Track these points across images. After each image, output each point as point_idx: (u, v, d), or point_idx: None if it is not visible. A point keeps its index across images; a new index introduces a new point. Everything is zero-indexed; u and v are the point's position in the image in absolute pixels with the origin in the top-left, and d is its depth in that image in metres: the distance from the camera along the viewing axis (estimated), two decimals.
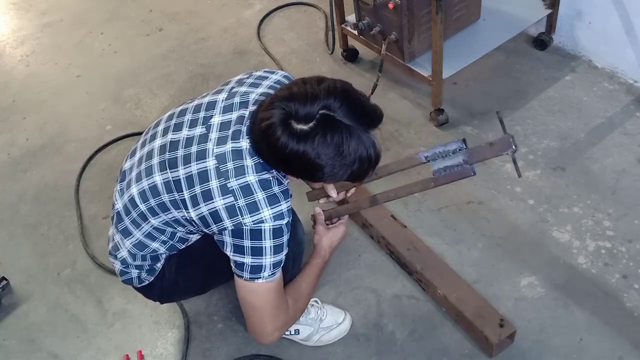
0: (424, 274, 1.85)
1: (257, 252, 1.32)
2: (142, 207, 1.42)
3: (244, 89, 1.41)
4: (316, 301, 1.84)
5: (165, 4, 3.42)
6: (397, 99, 2.57)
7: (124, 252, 1.51)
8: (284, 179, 1.36)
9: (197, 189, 1.32)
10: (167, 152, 1.38)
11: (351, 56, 2.77)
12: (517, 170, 1.40)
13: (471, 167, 1.44)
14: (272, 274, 1.35)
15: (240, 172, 1.29)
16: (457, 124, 2.41)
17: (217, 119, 1.36)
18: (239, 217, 1.29)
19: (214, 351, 1.85)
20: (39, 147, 2.65)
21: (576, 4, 2.48)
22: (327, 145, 1.17)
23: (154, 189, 1.39)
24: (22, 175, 2.54)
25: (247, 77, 1.46)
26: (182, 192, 1.34)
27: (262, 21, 3.13)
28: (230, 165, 1.30)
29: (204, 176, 1.31)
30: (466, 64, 2.36)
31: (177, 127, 1.40)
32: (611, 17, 2.37)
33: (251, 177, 1.29)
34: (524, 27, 2.51)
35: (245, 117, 1.34)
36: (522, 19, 2.50)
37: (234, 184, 1.29)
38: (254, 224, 1.29)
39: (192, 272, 1.61)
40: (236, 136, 1.32)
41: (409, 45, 2.35)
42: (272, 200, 1.29)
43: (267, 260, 1.33)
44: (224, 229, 1.31)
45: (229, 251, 1.35)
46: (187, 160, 1.34)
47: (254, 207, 1.28)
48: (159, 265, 1.56)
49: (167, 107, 2.69)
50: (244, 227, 1.29)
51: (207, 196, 1.30)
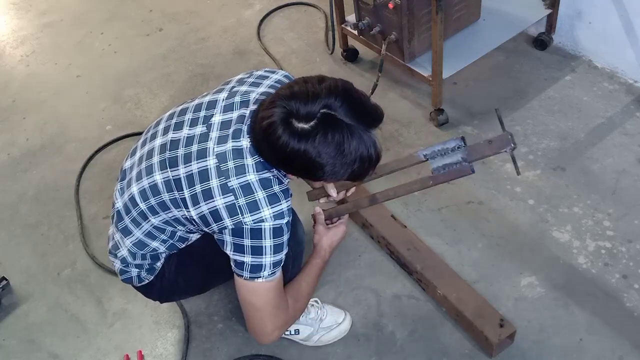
0: (424, 274, 1.85)
1: (257, 251, 1.32)
2: (143, 206, 1.42)
3: (244, 88, 1.41)
4: (316, 301, 1.84)
5: (165, 4, 3.42)
6: (397, 99, 2.57)
7: (123, 251, 1.51)
8: (285, 178, 1.36)
9: (198, 188, 1.32)
10: (168, 151, 1.38)
11: (351, 56, 2.77)
12: (516, 168, 1.40)
13: (470, 165, 1.43)
14: (272, 273, 1.35)
15: (240, 171, 1.29)
16: (457, 124, 2.41)
17: (217, 118, 1.36)
18: (239, 216, 1.29)
19: (214, 351, 1.85)
20: (39, 147, 2.65)
21: (576, 4, 2.49)
22: (328, 144, 1.17)
23: (154, 188, 1.39)
24: (22, 175, 2.54)
25: (248, 77, 1.46)
26: (183, 191, 1.34)
27: (262, 21, 3.13)
28: (230, 164, 1.30)
29: (204, 175, 1.31)
30: (466, 64, 2.36)
31: (178, 126, 1.40)
32: (611, 17, 2.38)
33: (251, 176, 1.29)
34: (524, 27, 2.51)
35: (246, 116, 1.34)
36: (522, 19, 2.50)
37: (234, 182, 1.29)
38: (254, 223, 1.29)
39: (192, 272, 1.61)
40: (237, 135, 1.32)
41: (409, 45, 2.35)
42: (273, 199, 1.30)
43: (267, 259, 1.33)
44: (224, 228, 1.31)
45: (229, 250, 1.35)
46: (187, 159, 1.34)
47: (254, 206, 1.28)
48: (159, 264, 1.56)
49: (167, 107, 2.68)
50: (244, 226, 1.29)
51: (208, 195, 1.30)
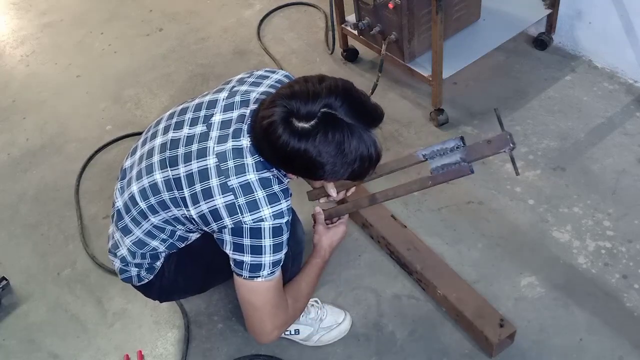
0: (424, 274, 1.85)
1: (256, 250, 1.32)
2: (143, 205, 1.42)
3: (245, 88, 1.41)
4: (316, 301, 1.84)
5: (165, 4, 3.42)
6: (397, 99, 2.57)
7: (123, 250, 1.51)
8: (284, 178, 1.36)
9: (198, 187, 1.32)
10: (168, 150, 1.38)
11: (351, 56, 2.77)
12: (515, 168, 1.40)
13: (469, 166, 1.43)
14: (271, 273, 1.35)
15: (240, 170, 1.29)
16: (457, 124, 2.41)
17: (218, 118, 1.36)
18: (239, 215, 1.29)
19: (214, 351, 1.85)
20: (39, 147, 2.65)
21: (576, 4, 2.49)
22: (329, 143, 1.17)
23: (154, 187, 1.39)
24: (22, 175, 2.54)
25: (248, 76, 1.46)
26: (183, 190, 1.34)
27: (262, 21, 3.13)
28: (230, 163, 1.30)
29: (204, 174, 1.31)
30: (466, 64, 2.36)
31: (178, 126, 1.41)
32: (611, 17, 2.38)
33: (251, 176, 1.29)
34: (524, 27, 2.51)
35: (246, 116, 1.34)
36: (522, 19, 2.50)
37: (234, 182, 1.29)
38: (254, 223, 1.29)
39: (192, 271, 1.61)
40: (237, 134, 1.32)
41: (409, 45, 2.35)
42: (272, 198, 1.30)
43: (267, 258, 1.33)
44: (224, 227, 1.31)
45: (228, 249, 1.35)
46: (187, 158, 1.34)
47: (254, 206, 1.28)
48: (159, 263, 1.56)
49: (167, 107, 2.68)
50: (244, 226, 1.29)
51: (207, 194, 1.31)
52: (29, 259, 2.20)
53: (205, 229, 1.38)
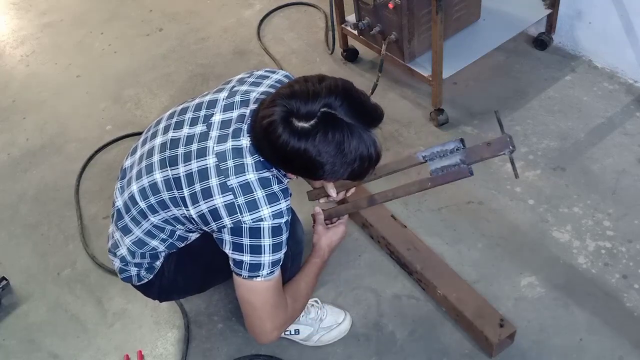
0: (424, 274, 1.85)
1: (255, 250, 1.32)
2: (142, 204, 1.42)
3: (245, 88, 1.41)
4: (316, 301, 1.84)
5: (165, 4, 3.42)
6: (397, 99, 2.57)
7: (123, 250, 1.51)
8: (284, 178, 1.37)
9: (197, 187, 1.32)
10: (168, 150, 1.38)
11: (351, 56, 2.77)
12: (515, 170, 1.40)
13: (468, 167, 1.43)
14: (270, 273, 1.35)
15: (240, 170, 1.30)
16: (457, 124, 2.41)
17: (218, 117, 1.36)
18: (238, 215, 1.29)
19: (214, 351, 1.85)
20: (39, 147, 2.65)
21: (576, 4, 2.48)
22: (328, 143, 1.17)
23: (154, 187, 1.39)
24: (22, 175, 2.54)
25: (248, 76, 1.47)
26: (182, 189, 1.34)
27: (262, 21, 3.13)
28: (230, 163, 1.30)
29: (204, 174, 1.31)
30: (466, 64, 2.36)
31: (178, 125, 1.41)
32: (611, 17, 2.37)
33: (251, 175, 1.29)
34: (524, 27, 2.51)
35: (246, 116, 1.34)
36: (522, 19, 2.50)
37: (233, 181, 1.29)
38: (253, 222, 1.29)
39: (191, 271, 1.61)
40: (237, 134, 1.32)
41: (409, 45, 2.35)
42: (272, 198, 1.30)
43: (266, 258, 1.33)
44: (223, 227, 1.31)
45: (227, 249, 1.35)
46: (187, 157, 1.34)
47: (253, 205, 1.28)
48: (158, 263, 1.56)
49: (167, 107, 2.68)
50: (243, 225, 1.29)
51: (207, 194, 1.31)
52: (29, 259, 2.20)
53: (204, 228, 1.38)
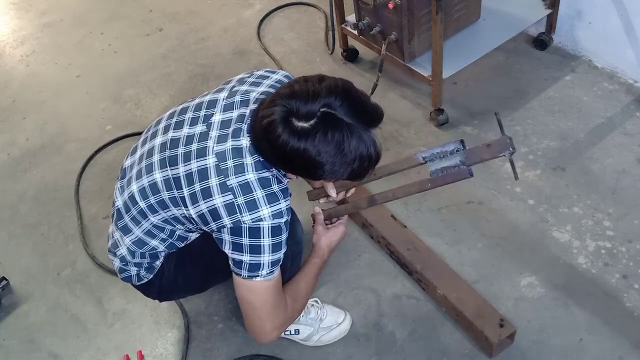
0: (424, 274, 1.85)
1: (255, 250, 1.32)
2: (142, 204, 1.42)
3: (245, 88, 1.41)
4: (316, 301, 1.84)
5: (165, 4, 3.42)
6: (397, 99, 2.57)
7: (123, 250, 1.51)
8: (284, 178, 1.37)
9: (197, 187, 1.32)
10: (168, 150, 1.38)
11: (351, 56, 2.77)
12: (515, 172, 1.40)
13: (468, 169, 1.43)
14: (270, 272, 1.35)
15: (239, 170, 1.30)
16: (457, 124, 2.41)
17: (217, 117, 1.36)
18: (238, 214, 1.29)
19: (214, 351, 1.85)
20: (39, 147, 2.65)
21: (576, 4, 2.48)
22: (328, 143, 1.17)
23: (153, 187, 1.39)
24: (22, 175, 2.54)
25: (248, 76, 1.47)
26: (182, 189, 1.34)
27: (262, 21, 3.13)
28: (230, 163, 1.30)
29: (203, 174, 1.31)
30: (466, 64, 2.36)
31: (178, 125, 1.41)
32: (611, 17, 2.37)
33: (251, 175, 1.29)
34: (524, 27, 2.51)
35: (246, 116, 1.34)
36: (522, 19, 2.50)
37: (233, 181, 1.29)
38: (253, 222, 1.29)
39: (191, 270, 1.61)
40: (236, 134, 1.32)
41: (409, 45, 2.35)
42: (271, 198, 1.30)
43: (265, 258, 1.33)
44: (223, 227, 1.31)
45: (227, 249, 1.35)
46: (187, 157, 1.34)
47: (253, 205, 1.28)
48: (158, 263, 1.56)
49: (167, 107, 2.68)
50: (243, 225, 1.29)
51: (207, 194, 1.31)
52: (29, 259, 2.20)
53: (204, 228, 1.38)
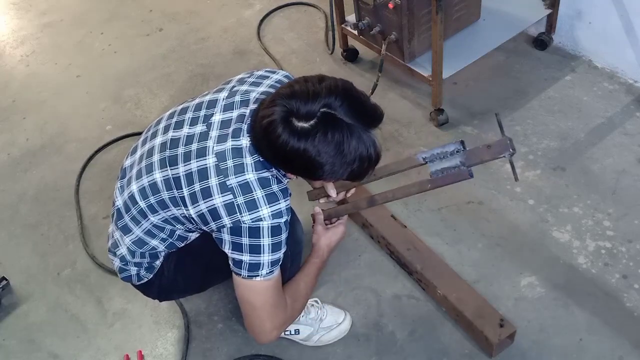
0: (424, 274, 1.85)
1: (255, 249, 1.32)
2: (142, 204, 1.42)
3: (245, 88, 1.41)
4: (316, 301, 1.84)
5: (165, 4, 3.42)
6: (397, 99, 2.57)
7: (123, 249, 1.51)
8: (284, 178, 1.37)
9: (197, 187, 1.32)
10: (168, 150, 1.38)
11: (351, 56, 2.77)
12: (515, 173, 1.40)
13: (468, 170, 1.43)
14: (270, 272, 1.35)
15: (239, 170, 1.30)
16: (457, 124, 2.41)
17: (217, 117, 1.36)
18: (238, 214, 1.29)
19: (214, 351, 1.85)
20: (39, 147, 2.65)
21: (576, 4, 2.48)
22: (328, 143, 1.17)
23: (153, 187, 1.39)
24: (22, 175, 2.54)
25: (249, 76, 1.47)
26: (182, 189, 1.34)
27: (262, 21, 3.13)
28: (230, 163, 1.30)
29: (203, 174, 1.31)
30: (466, 64, 2.36)
31: (178, 125, 1.41)
32: (611, 17, 2.37)
33: (250, 175, 1.29)
34: (524, 27, 2.51)
35: (245, 116, 1.34)
36: (522, 19, 2.50)
37: (233, 181, 1.29)
38: (253, 222, 1.29)
39: (191, 270, 1.61)
40: (236, 134, 1.32)
41: (409, 45, 2.35)
42: (271, 198, 1.30)
43: (265, 258, 1.33)
44: (223, 227, 1.31)
45: (227, 249, 1.35)
46: (187, 157, 1.35)
47: (252, 205, 1.29)
48: (158, 262, 1.56)
49: (167, 107, 2.68)
50: (243, 225, 1.29)
51: (206, 194, 1.31)
52: (29, 259, 2.20)
53: (204, 228, 1.38)
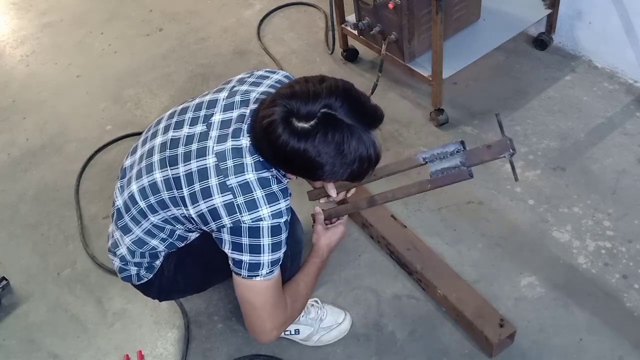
0: (424, 274, 1.85)
1: (255, 249, 1.32)
2: (142, 204, 1.42)
3: (245, 88, 1.41)
4: (316, 301, 1.84)
5: (165, 4, 3.42)
6: (397, 99, 2.57)
7: (123, 249, 1.51)
8: (284, 178, 1.37)
9: (197, 187, 1.32)
10: (168, 150, 1.38)
11: (351, 56, 2.77)
12: (515, 174, 1.40)
13: (468, 170, 1.43)
14: (270, 272, 1.35)
15: (239, 170, 1.30)
16: (457, 124, 2.41)
17: (217, 117, 1.36)
18: (238, 214, 1.29)
19: (214, 351, 1.85)
20: (39, 147, 2.65)
21: (576, 4, 2.48)
22: (328, 143, 1.17)
23: (153, 187, 1.39)
24: (22, 175, 2.54)
25: (249, 76, 1.47)
26: (182, 189, 1.34)
27: (262, 21, 3.13)
28: (230, 163, 1.30)
29: (203, 174, 1.31)
30: (466, 64, 2.36)
31: (178, 125, 1.41)
32: (611, 17, 2.37)
33: (250, 175, 1.29)
34: (524, 27, 2.51)
35: (246, 116, 1.34)
36: (522, 19, 2.50)
37: (233, 181, 1.29)
38: (253, 222, 1.29)
39: (191, 270, 1.61)
40: (236, 134, 1.32)
41: (409, 45, 2.35)
42: (271, 198, 1.30)
43: (265, 258, 1.33)
44: (223, 227, 1.31)
45: (227, 249, 1.35)
46: (187, 157, 1.35)
47: (252, 205, 1.29)
48: (158, 262, 1.56)
49: (167, 107, 2.68)
50: (242, 225, 1.29)
51: (206, 194, 1.31)
52: (29, 259, 2.20)
53: (204, 228, 1.38)
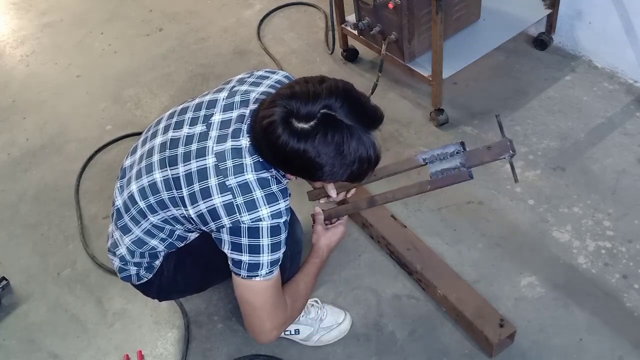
0: (424, 274, 1.85)
1: (254, 249, 1.32)
2: (142, 204, 1.42)
3: (245, 88, 1.41)
4: (316, 301, 1.84)
5: (165, 4, 3.42)
6: (397, 99, 2.57)
7: (122, 249, 1.51)
8: (283, 178, 1.37)
9: (196, 187, 1.32)
10: (168, 150, 1.38)
11: (351, 56, 2.77)
12: (514, 175, 1.40)
13: (468, 171, 1.43)
14: (269, 272, 1.35)
15: (239, 170, 1.30)
16: (457, 124, 2.41)
17: (217, 117, 1.36)
18: (237, 214, 1.29)
19: (214, 351, 1.85)
20: (39, 147, 2.65)
21: (576, 4, 2.48)
22: (328, 144, 1.18)
23: (153, 187, 1.39)
24: (22, 175, 2.54)
25: (249, 77, 1.47)
26: (181, 189, 1.34)
27: (262, 21, 3.13)
28: (229, 163, 1.30)
29: (203, 174, 1.31)
30: (466, 64, 2.36)
31: (178, 125, 1.41)
32: (611, 17, 2.37)
33: (250, 176, 1.30)
34: (524, 27, 2.51)
35: (245, 116, 1.34)
36: (522, 19, 2.50)
37: (232, 181, 1.29)
38: (252, 222, 1.29)
39: (191, 270, 1.61)
40: (236, 134, 1.32)
41: (409, 45, 2.35)
42: (271, 198, 1.30)
43: (265, 258, 1.33)
44: (222, 227, 1.31)
45: (226, 249, 1.35)
46: (186, 157, 1.35)
47: (252, 205, 1.29)
48: (158, 262, 1.56)
49: (167, 107, 2.69)
50: (242, 225, 1.29)
51: (206, 194, 1.31)
52: (29, 259, 2.21)
53: (203, 228, 1.38)
